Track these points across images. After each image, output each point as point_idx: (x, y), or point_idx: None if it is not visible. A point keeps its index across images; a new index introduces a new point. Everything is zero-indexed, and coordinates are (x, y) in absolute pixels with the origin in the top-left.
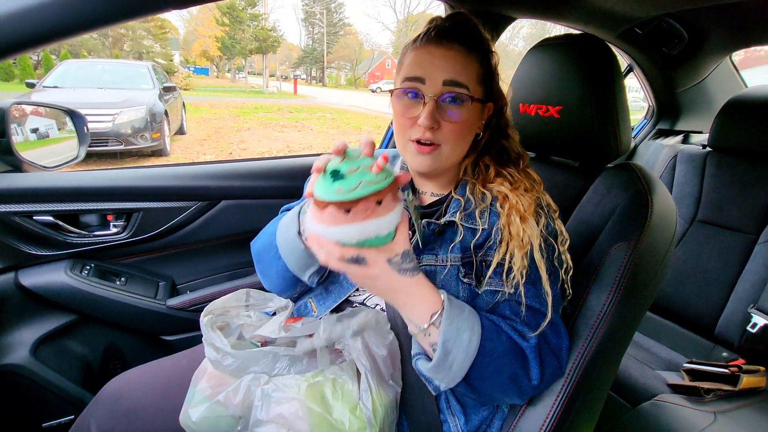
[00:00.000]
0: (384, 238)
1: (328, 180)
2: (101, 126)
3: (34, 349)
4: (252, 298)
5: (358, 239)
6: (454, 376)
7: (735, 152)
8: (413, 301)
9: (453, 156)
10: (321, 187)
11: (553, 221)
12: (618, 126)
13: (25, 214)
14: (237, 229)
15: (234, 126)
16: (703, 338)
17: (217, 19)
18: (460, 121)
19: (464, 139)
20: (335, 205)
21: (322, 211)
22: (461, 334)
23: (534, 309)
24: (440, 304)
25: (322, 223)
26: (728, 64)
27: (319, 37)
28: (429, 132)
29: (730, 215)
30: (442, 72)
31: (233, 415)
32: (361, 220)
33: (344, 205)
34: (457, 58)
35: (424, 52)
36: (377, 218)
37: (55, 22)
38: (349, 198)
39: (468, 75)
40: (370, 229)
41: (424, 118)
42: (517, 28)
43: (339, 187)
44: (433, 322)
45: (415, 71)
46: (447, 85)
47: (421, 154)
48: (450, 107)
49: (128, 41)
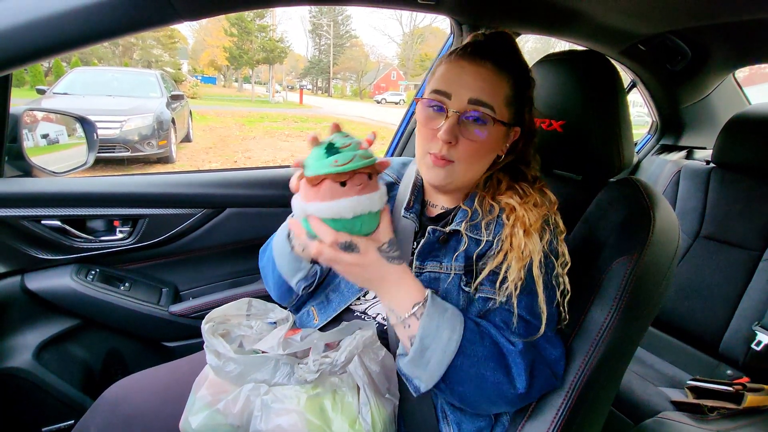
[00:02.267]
0: (373, 217)
1: (321, 155)
2: (109, 132)
3: (37, 352)
4: (253, 307)
5: (354, 213)
6: (431, 374)
7: (739, 168)
8: (397, 289)
9: (468, 174)
10: (316, 162)
11: (557, 241)
12: (620, 141)
13: (34, 219)
14: (241, 236)
15: (240, 135)
16: (707, 355)
17: (226, 30)
18: (479, 141)
19: (482, 159)
20: (332, 177)
21: (316, 187)
22: (440, 331)
23: (525, 320)
24: (423, 295)
25: (316, 200)
26: (732, 81)
27: (325, 48)
28: (446, 147)
29: (733, 231)
30: (469, 90)
31: (232, 424)
32: (357, 194)
33: (341, 177)
34: (486, 77)
35: (455, 66)
36: (371, 192)
37: (71, 33)
38: (347, 169)
39: (495, 96)
40: (364, 202)
41: (444, 132)
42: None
43: (335, 159)
44: (414, 312)
45: (442, 85)
46: (472, 104)
47: (436, 166)
48: (472, 125)
49: (138, 50)
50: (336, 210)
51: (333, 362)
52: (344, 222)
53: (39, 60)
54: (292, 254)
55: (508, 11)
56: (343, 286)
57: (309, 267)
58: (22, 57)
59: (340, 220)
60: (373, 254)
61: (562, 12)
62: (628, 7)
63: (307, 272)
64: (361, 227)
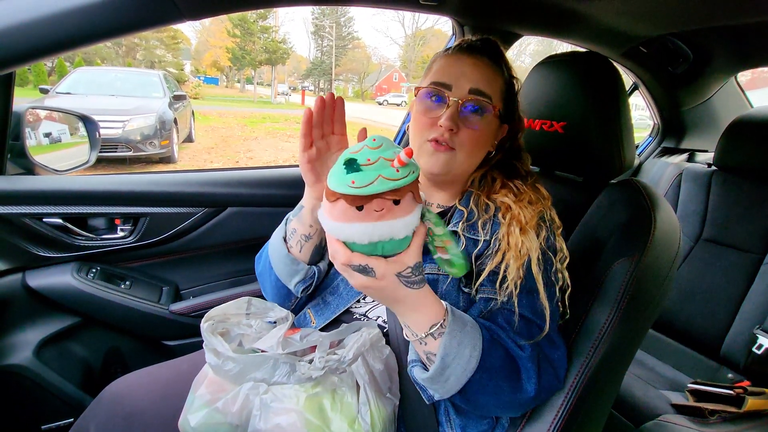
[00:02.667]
0: (399, 243)
1: (341, 170)
2: (111, 132)
3: (38, 350)
4: (253, 306)
5: (369, 240)
6: (450, 388)
7: (740, 171)
8: (415, 312)
9: (465, 164)
10: (334, 176)
11: (554, 236)
12: (621, 142)
13: (35, 216)
14: (242, 236)
15: (241, 135)
16: (708, 359)
17: (229, 31)
18: (478, 130)
19: (479, 149)
20: (346, 199)
21: (333, 203)
22: (462, 349)
23: (528, 319)
24: (442, 315)
25: (330, 218)
26: (734, 84)
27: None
28: (448, 133)
29: (735, 234)
30: (469, 81)
31: (231, 423)
32: (374, 220)
33: (356, 201)
34: (485, 70)
35: (454, 59)
36: (393, 220)
37: (75, 31)
38: (361, 193)
39: (493, 88)
40: (382, 231)
41: (445, 119)
42: (523, 45)
43: (353, 179)
44: (432, 332)
45: (442, 77)
46: (472, 93)
47: (437, 152)
48: (471, 115)
49: (141, 50)
50: (348, 234)
51: (341, 359)
52: (359, 246)
53: (43, 58)
54: (289, 256)
55: (510, 12)
56: (341, 288)
57: (307, 268)
58: (25, 55)
59: (355, 245)
60: (390, 279)
61: (564, 14)
62: (630, 9)
63: (305, 274)
64: (382, 252)
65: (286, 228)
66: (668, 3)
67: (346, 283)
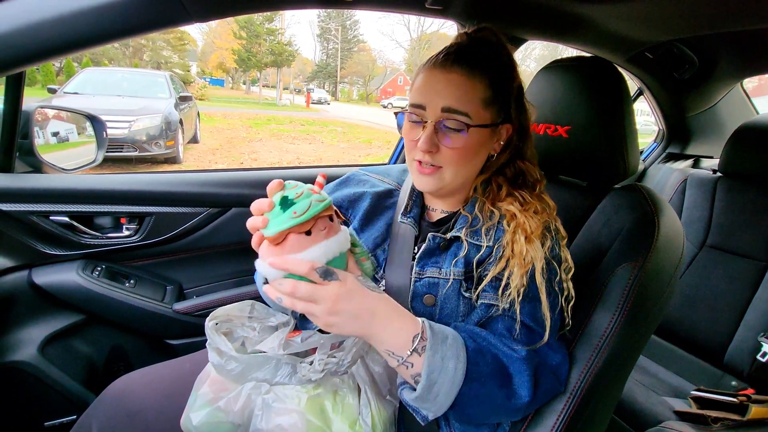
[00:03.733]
0: (344, 256)
1: (278, 212)
2: (117, 132)
3: (42, 347)
4: (256, 311)
5: (326, 258)
6: (441, 405)
7: (746, 178)
8: (390, 324)
9: (457, 178)
10: (274, 220)
11: (559, 247)
12: (626, 147)
13: (42, 214)
14: (246, 236)
15: (246, 136)
16: (712, 366)
17: (235, 33)
18: (458, 147)
19: (468, 162)
20: (294, 230)
21: (281, 245)
22: (446, 362)
23: (529, 327)
24: (419, 326)
25: (283, 257)
26: (739, 90)
27: (333, 52)
28: (428, 155)
29: (740, 241)
30: (441, 99)
31: (233, 422)
32: (324, 238)
33: (303, 227)
34: (458, 84)
35: (428, 76)
36: (336, 234)
37: (84, 32)
38: (307, 217)
39: (470, 101)
40: (333, 245)
41: (422, 142)
42: (529, 50)
43: (293, 211)
44: (416, 348)
45: (417, 98)
46: (445, 112)
47: (422, 174)
48: (448, 133)
49: (148, 51)
50: (308, 260)
51: (339, 362)
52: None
53: (52, 58)
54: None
55: (516, 16)
56: None
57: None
58: (36, 55)
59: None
60: (352, 281)
61: (570, 19)
62: (635, 14)
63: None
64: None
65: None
66: (674, 9)
67: None
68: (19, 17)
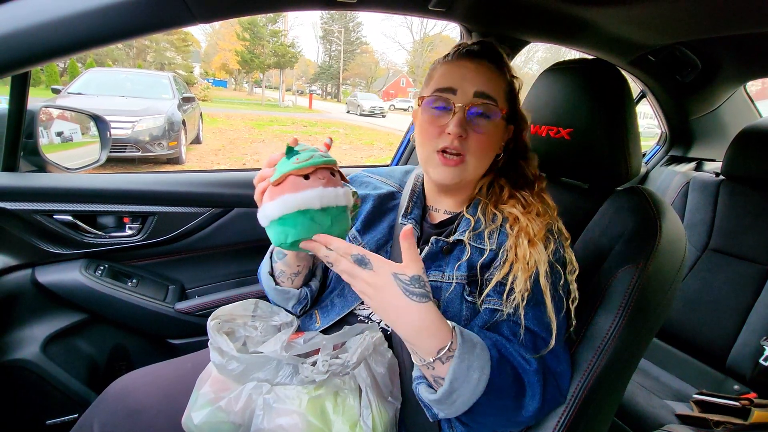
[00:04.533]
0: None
1: (284, 160)
2: (120, 132)
3: (44, 345)
4: (260, 309)
5: (321, 203)
6: (456, 409)
7: (749, 181)
8: (420, 332)
9: (477, 170)
10: (279, 166)
11: (563, 248)
12: (628, 150)
13: (46, 213)
14: (248, 237)
15: (249, 137)
16: (714, 369)
17: (239, 34)
18: (487, 134)
19: (489, 153)
20: (293, 173)
21: (280, 185)
22: (471, 373)
23: (533, 332)
24: (449, 337)
25: (283, 194)
26: (742, 93)
27: (336, 54)
28: (457, 141)
29: (743, 244)
30: (473, 84)
31: (234, 422)
32: (321, 186)
33: (303, 171)
34: (487, 73)
35: (455, 65)
36: (334, 187)
37: (89, 32)
38: (307, 164)
39: (497, 90)
40: (329, 194)
41: (454, 125)
42: (531, 52)
43: (296, 158)
44: (440, 357)
45: (446, 82)
46: (477, 97)
47: (446, 166)
48: (478, 119)
49: (152, 52)
50: (302, 200)
51: (344, 363)
52: (313, 213)
53: (57, 58)
54: (278, 288)
55: (519, 19)
56: (347, 291)
57: (298, 293)
58: (40, 55)
59: (309, 211)
60: (386, 276)
61: (572, 21)
62: (638, 17)
63: (298, 297)
64: (332, 224)
65: (273, 267)
66: (677, 12)
67: (350, 287)
68: (24, 18)
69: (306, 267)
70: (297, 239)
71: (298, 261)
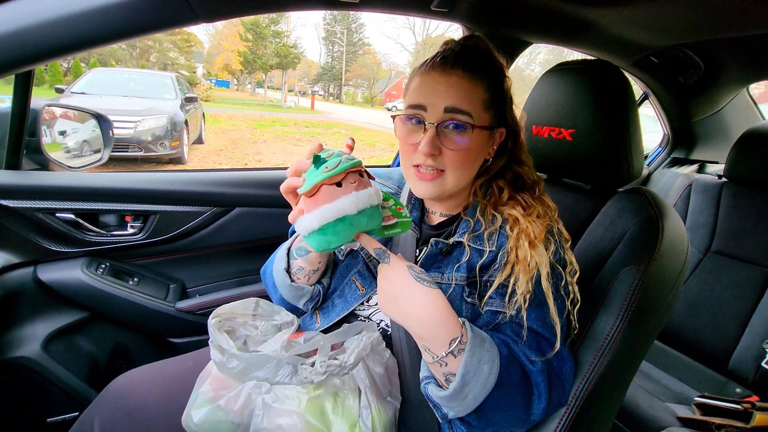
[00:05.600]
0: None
1: (312, 170)
2: (123, 132)
3: (46, 343)
4: (260, 308)
5: (357, 208)
6: (467, 406)
7: (751, 184)
8: (433, 320)
9: (458, 182)
10: (309, 176)
11: (563, 250)
12: (630, 151)
13: (49, 211)
14: (249, 236)
15: (251, 138)
16: (716, 372)
17: (241, 35)
18: (462, 149)
19: (470, 165)
20: (327, 182)
21: (315, 196)
22: (482, 365)
23: (537, 333)
24: (459, 329)
25: (319, 206)
26: (745, 95)
27: (338, 55)
28: (430, 159)
29: (745, 247)
30: (444, 99)
31: (233, 422)
32: (354, 190)
33: (335, 179)
34: (460, 85)
35: (427, 78)
36: (366, 189)
37: (92, 31)
38: (338, 171)
39: (472, 102)
40: (363, 197)
41: (424, 144)
42: (534, 54)
43: (325, 167)
44: (452, 350)
45: (417, 99)
46: (449, 113)
47: (422, 180)
48: (452, 133)
49: (155, 53)
50: (340, 208)
51: (341, 364)
52: (351, 218)
53: (61, 56)
54: (293, 285)
55: (521, 20)
56: (347, 292)
57: (311, 290)
58: (44, 53)
59: (347, 218)
60: (401, 266)
61: (575, 22)
62: (641, 18)
63: (311, 294)
64: (368, 222)
65: (290, 263)
66: (679, 14)
67: (351, 287)
68: (28, 16)
69: (325, 264)
70: (339, 244)
71: (320, 258)
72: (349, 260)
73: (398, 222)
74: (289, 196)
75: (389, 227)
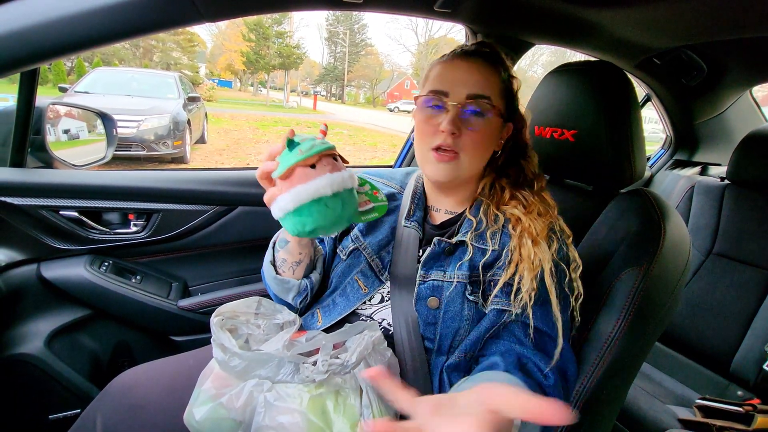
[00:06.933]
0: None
1: (286, 153)
2: (126, 131)
3: (48, 340)
4: (263, 306)
5: (332, 189)
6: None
7: (754, 186)
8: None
9: (472, 167)
10: (283, 159)
11: (566, 246)
12: (632, 152)
13: (52, 209)
14: (251, 235)
15: (253, 138)
16: (718, 375)
17: (244, 35)
18: (481, 131)
19: (484, 151)
20: (301, 164)
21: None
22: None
23: (542, 332)
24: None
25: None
26: (748, 98)
27: (341, 55)
28: (450, 138)
29: (747, 249)
30: (465, 86)
31: (235, 419)
32: (329, 172)
33: (309, 161)
34: (480, 71)
35: (449, 66)
36: (341, 171)
37: (96, 30)
38: (311, 153)
39: (491, 87)
40: (338, 179)
41: (447, 123)
42: (536, 55)
43: (299, 150)
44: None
45: (439, 85)
46: (470, 98)
47: (441, 162)
48: (472, 117)
49: (158, 52)
50: (314, 188)
51: (343, 363)
52: (326, 200)
53: (65, 55)
54: (278, 278)
55: (524, 21)
56: (349, 290)
57: (298, 284)
58: (48, 52)
59: (322, 199)
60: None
61: (578, 24)
62: (644, 20)
63: (298, 289)
64: (343, 205)
65: (275, 256)
66: (682, 15)
67: (353, 286)
68: (33, 15)
69: (307, 256)
70: (315, 227)
71: (300, 249)
72: (351, 259)
73: (375, 206)
74: (264, 181)
75: (366, 212)
